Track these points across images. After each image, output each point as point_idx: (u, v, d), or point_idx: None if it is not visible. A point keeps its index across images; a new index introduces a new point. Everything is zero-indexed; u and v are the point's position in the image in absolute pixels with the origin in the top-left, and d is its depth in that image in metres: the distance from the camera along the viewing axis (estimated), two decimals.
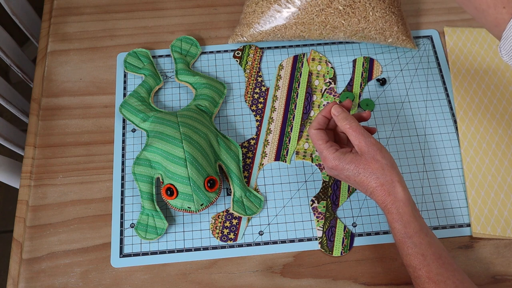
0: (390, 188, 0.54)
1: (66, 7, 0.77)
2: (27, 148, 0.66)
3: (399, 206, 0.53)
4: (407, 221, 0.53)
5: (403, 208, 0.53)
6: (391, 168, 0.54)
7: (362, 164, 0.55)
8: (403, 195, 0.53)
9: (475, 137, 0.67)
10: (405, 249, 0.53)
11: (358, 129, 0.56)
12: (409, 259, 0.52)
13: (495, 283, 0.59)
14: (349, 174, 0.56)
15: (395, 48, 0.74)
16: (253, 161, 0.66)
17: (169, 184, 0.59)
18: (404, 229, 0.53)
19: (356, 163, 0.55)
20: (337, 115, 0.58)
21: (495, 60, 0.73)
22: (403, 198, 0.53)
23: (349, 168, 0.55)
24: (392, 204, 0.53)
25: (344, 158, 0.56)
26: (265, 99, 0.70)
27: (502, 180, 0.64)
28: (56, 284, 0.59)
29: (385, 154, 0.55)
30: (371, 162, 0.54)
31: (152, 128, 0.63)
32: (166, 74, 0.72)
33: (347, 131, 0.56)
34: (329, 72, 0.72)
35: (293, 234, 0.62)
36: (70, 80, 0.71)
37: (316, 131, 0.58)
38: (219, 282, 0.59)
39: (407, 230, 0.53)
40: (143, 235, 0.60)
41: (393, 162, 0.56)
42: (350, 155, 0.56)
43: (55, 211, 0.63)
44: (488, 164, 0.65)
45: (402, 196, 0.53)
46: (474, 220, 0.62)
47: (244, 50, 0.73)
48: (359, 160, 0.55)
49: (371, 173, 0.54)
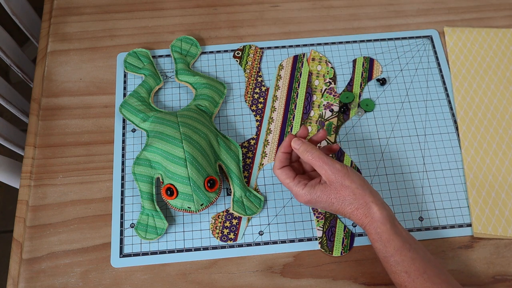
0: (366, 210, 0.53)
1: (66, 7, 0.77)
2: (27, 148, 0.66)
3: (377, 226, 0.53)
4: (387, 240, 0.52)
5: (381, 227, 0.53)
6: (362, 190, 0.54)
7: (333, 194, 0.55)
8: (379, 215, 0.53)
9: (476, 137, 0.67)
10: (388, 267, 0.53)
11: (321, 158, 0.55)
12: (394, 277, 0.52)
13: (495, 283, 0.59)
14: (324, 206, 0.56)
15: (395, 48, 0.74)
16: (253, 161, 0.66)
17: (169, 184, 0.59)
18: (384, 248, 0.52)
19: (327, 193, 0.55)
20: (298, 148, 0.57)
21: (495, 60, 0.73)
22: (380, 218, 0.53)
23: (321, 200, 0.55)
24: (370, 225, 0.53)
25: (314, 191, 0.55)
26: (265, 99, 0.70)
27: (503, 179, 0.64)
28: (56, 284, 0.59)
29: (354, 178, 0.54)
30: (340, 190, 0.54)
31: (152, 128, 0.63)
32: (166, 74, 0.72)
33: (311, 162, 0.56)
34: (329, 72, 0.72)
35: (293, 234, 0.62)
36: (70, 80, 0.71)
37: (281, 170, 0.58)
38: (219, 282, 0.59)
39: (388, 249, 0.52)
40: (143, 235, 0.60)
41: (363, 183, 0.55)
42: (319, 187, 0.55)
43: (55, 211, 0.63)
44: (489, 164, 0.65)
45: (379, 215, 0.53)
46: (475, 220, 0.62)
47: (244, 50, 0.73)
48: (329, 190, 0.55)
49: (343, 200, 0.54)
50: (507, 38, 0.74)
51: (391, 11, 0.77)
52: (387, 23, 0.76)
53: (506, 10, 0.77)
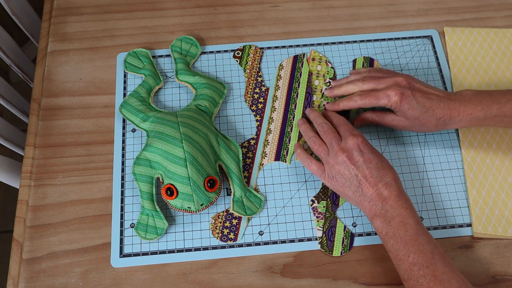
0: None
1: (66, 7, 0.77)
2: (27, 148, 0.66)
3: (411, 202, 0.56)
4: (419, 219, 0.54)
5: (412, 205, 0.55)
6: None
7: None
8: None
9: (476, 137, 0.67)
10: (415, 245, 0.52)
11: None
12: (417, 256, 0.52)
13: (495, 283, 0.59)
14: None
15: (395, 48, 0.74)
16: (253, 161, 0.66)
17: (169, 184, 0.59)
18: (416, 225, 0.53)
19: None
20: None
21: (495, 60, 0.73)
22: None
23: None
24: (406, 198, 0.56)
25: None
26: (265, 99, 0.70)
27: (503, 179, 0.64)
28: (56, 284, 0.59)
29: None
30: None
31: (152, 128, 0.63)
32: (166, 74, 0.72)
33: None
34: (329, 72, 0.72)
35: (293, 234, 0.62)
36: (70, 80, 0.71)
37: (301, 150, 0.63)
38: (219, 282, 0.59)
39: (420, 226, 0.53)
40: (143, 235, 0.60)
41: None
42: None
43: (55, 211, 0.63)
44: (489, 164, 0.65)
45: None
46: (475, 220, 0.62)
47: (244, 50, 0.73)
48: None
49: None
50: (507, 38, 0.74)
51: (391, 11, 0.77)
52: (387, 23, 0.76)
53: (506, 10, 0.77)
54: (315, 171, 0.60)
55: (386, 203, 0.54)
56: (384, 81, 0.61)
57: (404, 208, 0.54)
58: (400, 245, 0.53)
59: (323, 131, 0.61)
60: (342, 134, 0.59)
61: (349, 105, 0.63)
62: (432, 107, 0.59)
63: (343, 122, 0.61)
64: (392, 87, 0.60)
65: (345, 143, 0.58)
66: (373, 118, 0.65)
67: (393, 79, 0.61)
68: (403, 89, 0.59)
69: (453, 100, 0.59)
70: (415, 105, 0.59)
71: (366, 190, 0.55)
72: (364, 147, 0.57)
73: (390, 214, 0.54)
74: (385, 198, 0.55)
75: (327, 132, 0.60)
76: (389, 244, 0.54)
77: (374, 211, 0.55)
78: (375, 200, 0.55)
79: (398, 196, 0.55)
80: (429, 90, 0.60)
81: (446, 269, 0.51)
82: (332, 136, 0.59)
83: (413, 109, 0.59)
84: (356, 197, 0.57)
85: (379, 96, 0.60)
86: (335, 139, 0.59)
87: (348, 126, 0.60)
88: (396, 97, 0.59)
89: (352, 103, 0.62)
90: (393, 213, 0.54)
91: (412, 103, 0.59)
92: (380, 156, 0.58)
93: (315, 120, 0.64)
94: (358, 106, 0.62)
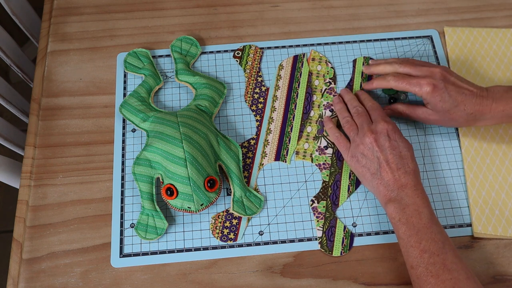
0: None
1: (66, 7, 0.77)
2: (27, 148, 0.66)
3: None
4: (433, 211, 0.55)
5: (427, 197, 0.56)
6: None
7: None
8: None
9: (476, 136, 0.67)
10: (428, 233, 0.53)
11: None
12: (429, 244, 0.52)
13: (495, 283, 0.59)
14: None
15: (395, 48, 0.74)
16: (253, 161, 0.66)
17: (169, 184, 0.59)
18: (430, 215, 0.54)
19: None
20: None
21: (496, 60, 0.73)
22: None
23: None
24: (423, 189, 0.56)
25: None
26: (265, 99, 0.70)
27: (503, 179, 0.64)
28: (56, 284, 0.59)
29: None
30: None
31: (152, 128, 0.63)
32: (166, 74, 0.72)
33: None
34: (329, 72, 0.72)
35: (293, 234, 0.62)
36: (70, 80, 0.71)
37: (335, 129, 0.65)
38: (219, 282, 0.59)
39: (433, 217, 0.54)
40: (143, 235, 0.60)
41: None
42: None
43: (55, 211, 0.63)
44: (489, 164, 0.65)
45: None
46: (475, 220, 0.62)
47: (244, 50, 0.73)
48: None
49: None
50: (507, 38, 0.74)
51: (391, 11, 0.77)
52: (387, 23, 0.76)
53: (506, 10, 0.77)
54: (341, 146, 0.62)
55: (402, 190, 0.55)
56: (420, 69, 0.62)
57: (420, 197, 0.55)
58: (412, 231, 0.53)
59: (357, 113, 0.63)
60: (374, 118, 0.61)
61: (382, 84, 0.65)
62: (463, 101, 0.59)
63: (377, 107, 0.63)
64: (426, 77, 0.61)
65: (375, 126, 0.59)
66: (403, 110, 0.66)
67: (430, 69, 0.61)
68: (437, 81, 0.60)
69: (484, 97, 0.59)
70: (447, 98, 0.59)
71: (385, 174, 0.56)
72: (393, 134, 0.58)
73: (405, 201, 0.55)
74: (402, 185, 0.55)
75: (360, 114, 0.62)
76: (400, 231, 0.54)
77: (389, 196, 0.56)
78: (391, 186, 0.56)
79: (415, 186, 0.55)
80: (463, 84, 0.61)
81: (455, 260, 0.51)
82: (365, 118, 0.61)
83: (444, 102, 0.59)
84: (374, 180, 0.57)
85: (412, 83, 0.61)
86: (366, 121, 0.61)
87: (381, 112, 0.62)
88: (428, 87, 0.59)
89: (385, 83, 0.64)
90: (408, 201, 0.54)
91: (443, 96, 0.59)
92: (407, 146, 0.58)
93: (350, 102, 0.66)
94: (390, 86, 0.64)
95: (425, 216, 0.54)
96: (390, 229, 0.62)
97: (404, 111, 0.66)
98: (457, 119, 0.61)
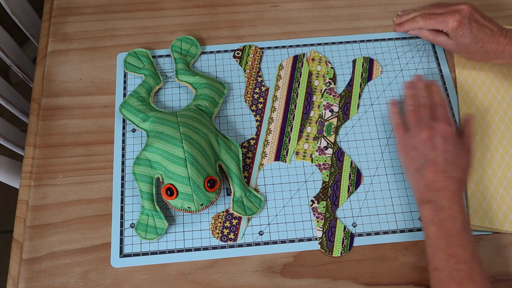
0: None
1: (66, 7, 0.77)
2: (27, 148, 0.66)
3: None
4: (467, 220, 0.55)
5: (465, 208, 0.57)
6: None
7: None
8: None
9: (477, 131, 0.67)
10: (459, 240, 0.52)
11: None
12: (458, 250, 0.52)
13: (495, 283, 0.59)
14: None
15: (395, 48, 0.74)
16: (253, 161, 0.66)
17: (169, 184, 0.59)
18: (464, 223, 0.54)
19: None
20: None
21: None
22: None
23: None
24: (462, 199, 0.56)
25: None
26: (265, 99, 0.70)
27: (502, 175, 0.65)
28: (56, 284, 0.59)
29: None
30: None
31: (152, 128, 0.63)
32: (166, 74, 0.72)
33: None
34: (329, 72, 0.72)
35: (293, 234, 0.62)
36: (70, 80, 0.71)
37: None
38: (219, 282, 0.59)
39: (467, 226, 0.54)
40: (143, 235, 0.60)
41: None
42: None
43: (55, 211, 0.63)
44: (489, 159, 0.65)
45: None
46: (472, 213, 0.62)
47: (244, 50, 0.73)
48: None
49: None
50: None
51: (391, 11, 0.77)
52: (387, 23, 0.76)
53: (506, 10, 0.77)
54: (397, 131, 0.63)
55: (441, 192, 0.55)
56: (446, 7, 0.67)
57: (457, 204, 0.54)
58: (444, 234, 0.53)
59: (423, 105, 0.63)
60: (437, 116, 0.61)
61: (412, 26, 0.70)
62: (483, 39, 0.63)
63: (443, 104, 0.63)
64: (452, 13, 0.64)
65: (436, 124, 0.59)
66: (427, 35, 0.70)
67: (457, 6, 0.66)
68: (462, 18, 0.63)
69: (503, 36, 0.63)
70: (468, 34, 0.63)
71: (428, 174, 0.56)
72: (450, 138, 0.58)
73: (441, 204, 0.54)
74: (441, 188, 0.55)
75: (425, 107, 0.63)
76: (431, 231, 0.54)
77: (427, 195, 0.56)
78: (431, 187, 0.56)
79: (455, 192, 0.55)
80: (485, 23, 0.64)
81: (481, 272, 0.51)
82: (428, 113, 0.62)
83: (465, 37, 0.63)
84: (415, 175, 0.58)
85: (438, 20, 0.66)
86: (428, 116, 0.61)
87: (445, 111, 0.62)
88: (454, 23, 0.64)
89: (415, 24, 0.70)
90: (445, 204, 0.54)
91: (466, 32, 0.63)
92: (460, 154, 0.58)
93: (419, 90, 0.66)
94: (419, 26, 0.70)
95: (460, 222, 0.53)
96: (390, 229, 0.62)
97: (427, 36, 0.70)
98: (474, 54, 0.65)
